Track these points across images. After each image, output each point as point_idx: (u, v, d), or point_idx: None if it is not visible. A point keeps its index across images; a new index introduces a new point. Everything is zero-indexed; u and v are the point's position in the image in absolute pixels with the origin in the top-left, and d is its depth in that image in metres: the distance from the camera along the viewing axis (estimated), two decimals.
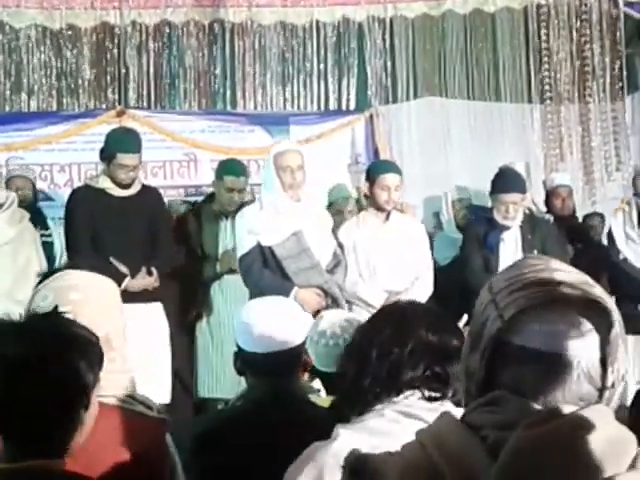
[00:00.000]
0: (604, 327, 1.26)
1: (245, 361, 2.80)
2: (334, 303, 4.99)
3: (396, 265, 5.47)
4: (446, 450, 1.23)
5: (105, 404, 2.11)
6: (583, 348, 1.26)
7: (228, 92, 8.12)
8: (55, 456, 1.86)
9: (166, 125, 7.75)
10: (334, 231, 5.27)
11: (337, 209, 6.35)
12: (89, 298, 2.25)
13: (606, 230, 6.30)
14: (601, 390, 1.27)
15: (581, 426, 1.16)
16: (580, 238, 6.60)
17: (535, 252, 5.85)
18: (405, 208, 6.59)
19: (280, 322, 2.79)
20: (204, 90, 8.08)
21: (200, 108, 8.07)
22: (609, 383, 1.26)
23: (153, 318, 5.53)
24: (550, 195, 6.81)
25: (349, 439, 1.82)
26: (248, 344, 2.79)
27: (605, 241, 6.29)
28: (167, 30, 8.02)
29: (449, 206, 6.91)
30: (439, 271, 5.83)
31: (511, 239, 5.85)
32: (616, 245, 6.07)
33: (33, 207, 6.06)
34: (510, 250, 5.83)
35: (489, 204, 6.05)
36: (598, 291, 1.28)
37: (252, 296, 4.41)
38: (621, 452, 1.16)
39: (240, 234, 5.09)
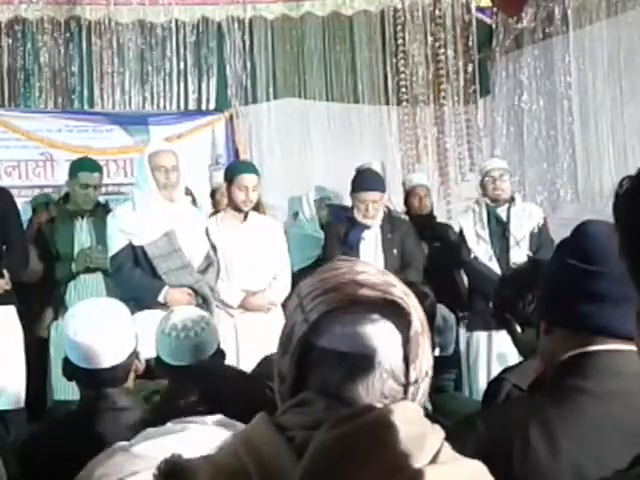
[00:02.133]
0: (404, 326, 1.31)
1: (73, 372, 2.84)
2: (204, 303, 4.99)
3: (253, 265, 5.49)
4: (255, 452, 1.25)
5: None
6: (384, 347, 1.30)
7: (85, 91, 7.99)
8: None
9: (21, 124, 7.56)
10: (207, 232, 5.28)
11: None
12: None
13: (457, 229, 6.48)
14: (405, 386, 1.31)
15: (382, 423, 1.21)
16: (437, 237, 6.76)
17: (395, 251, 5.98)
18: (265, 208, 6.62)
19: (106, 339, 2.77)
20: (60, 88, 7.92)
21: (56, 107, 7.90)
22: (412, 379, 1.31)
23: (6, 322, 5.40)
24: (408, 195, 6.96)
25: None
26: (76, 359, 2.80)
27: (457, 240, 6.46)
28: (21, 26, 7.82)
29: (311, 206, 6.98)
30: (302, 271, 5.88)
31: (371, 238, 5.95)
32: (467, 244, 6.25)
33: None
34: (370, 248, 5.93)
35: (349, 203, 6.15)
36: (398, 291, 1.32)
37: (122, 295, 4.36)
38: (422, 447, 1.21)
39: (112, 233, 5.05)
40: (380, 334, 1.30)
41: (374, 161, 7.22)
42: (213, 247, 5.26)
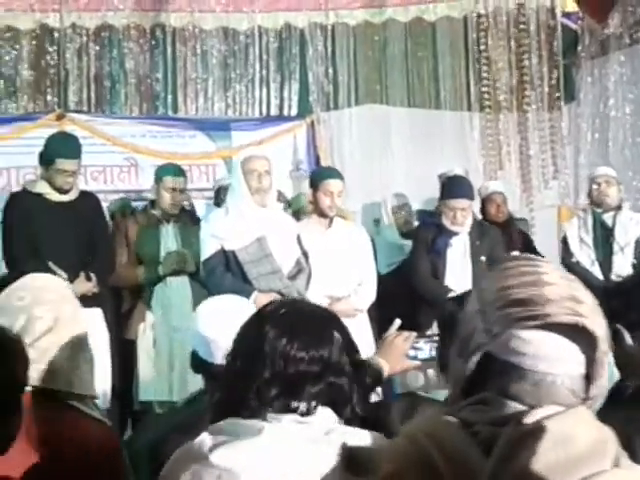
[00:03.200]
0: (590, 348, 1.31)
1: (199, 366, 2.86)
2: None
3: (338, 271, 5.49)
4: (440, 443, 1.27)
5: (66, 404, 2.19)
6: (567, 370, 1.31)
7: (169, 97, 8.09)
8: None
9: (106, 129, 7.68)
10: (299, 239, 5.28)
11: (297, 219, 6.35)
12: (64, 297, 2.36)
13: (541, 237, 6.44)
14: (584, 400, 1.32)
15: (568, 424, 1.23)
16: (518, 244, 6.69)
17: (483, 258, 5.92)
18: (345, 214, 6.62)
19: (231, 335, 2.79)
20: (145, 94, 8.04)
21: (141, 113, 8.02)
22: (592, 395, 1.32)
23: (92, 324, 5.48)
24: (485, 202, 6.91)
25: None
26: (204, 353, 2.82)
27: (560, 244, 6.46)
28: (108, 33, 7.96)
29: (389, 212, 6.96)
30: (383, 277, 5.86)
31: (459, 244, 5.90)
32: (570, 248, 6.23)
33: None
34: (458, 255, 5.89)
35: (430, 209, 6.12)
36: (586, 309, 1.31)
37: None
38: (603, 450, 1.22)
39: (204, 238, 5.11)
40: (565, 355, 1.31)
41: (456, 167, 7.17)
42: (304, 254, 5.26)
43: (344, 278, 5.51)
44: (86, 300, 5.37)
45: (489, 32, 8.31)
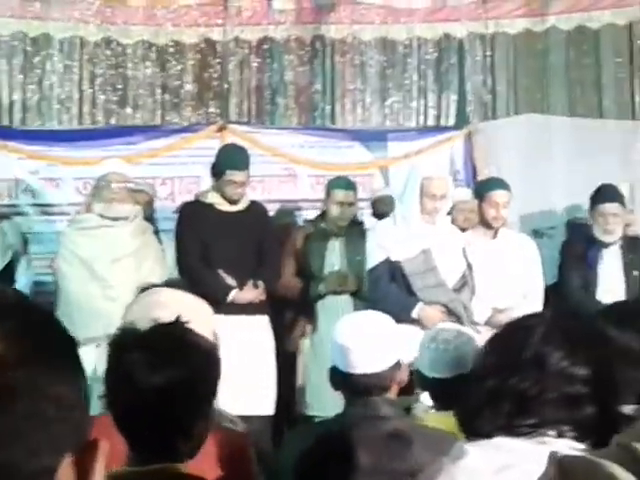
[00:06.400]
0: None
1: (339, 379, 2.85)
2: (458, 322, 4.98)
3: (504, 282, 5.43)
4: None
5: None
6: None
7: (327, 108, 8.17)
8: (181, 460, 1.89)
9: (266, 140, 7.81)
10: (464, 252, 5.26)
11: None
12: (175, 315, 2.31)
13: None
14: None
15: None
16: None
17: (635, 272, 5.76)
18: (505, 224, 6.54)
19: (373, 344, 2.80)
20: (304, 105, 8.14)
21: (299, 123, 8.13)
22: None
23: (259, 330, 5.59)
24: None
25: (478, 456, 1.79)
26: (341, 364, 2.82)
27: None
28: (269, 46, 8.11)
29: (560, 224, 6.84)
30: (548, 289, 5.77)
31: (611, 257, 5.77)
32: None
33: (150, 222, 6.16)
34: (610, 269, 5.74)
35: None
36: None
37: (375, 308, 4.43)
38: None
39: (371, 247, 5.14)
40: None
41: (622, 182, 6.96)
42: (469, 266, 5.23)
43: (508, 290, 5.45)
44: (253, 307, 5.53)
45: None
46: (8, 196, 7.29)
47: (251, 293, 5.54)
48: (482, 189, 5.55)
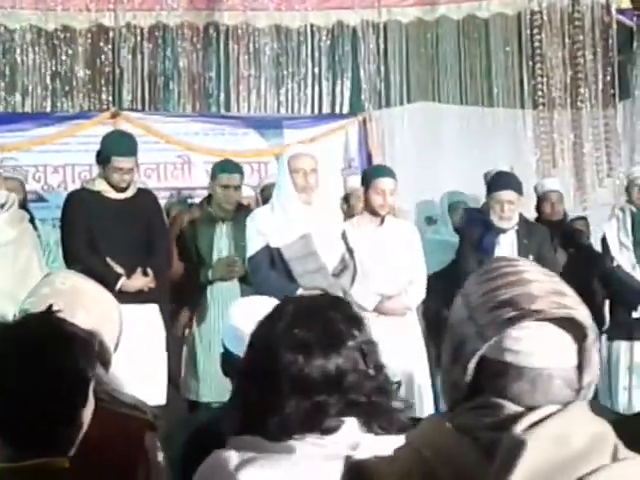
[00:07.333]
0: (580, 337, 1.33)
1: (232, 363, 2.79)
2: None
3: (390, 269, 5.49)
4: (442, 453, 1.29)
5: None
6: (562, 361, 1.33)
7: (222, 95, 8.15)
8: (58, 454, 1.86)
9: (160, 127, 7.74)
10: (344, 236, 5.29)
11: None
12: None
13: (600, 236, 6.32)
14: (578, 390, 1.35)
15: (565, 424, 1.25)
16: (571, 243, 6.63)
17: (530, 257, 5.88)
18: (397, 212, 6.61)
19: None
20: (198, 93, 8.11)
21: (194, 111, 8.09)
22: (585, 384, 1.35)
23: (149, 319, 5.55)
24: (540, 200, 6.85)
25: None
26: (235, 347, 2.78)
27: (600, 248, 6.30)
28: (161, 32, 8.03)
29: (444, 210, 6.94)
30: (435, 275, 5.85)
31: (507, 243, 5.87)
32: (610, 252, 6.08)
33: (23, 209, 6.04)
34: (506, 254, 5.85)
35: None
36: (571, 301, 1.34)
37: (256, 295, 4.43)
38: (600, 446, 1.25)
39: (250, 235, 5.13)
40: (558, 347, 1.33)
41: (501, 165, 7.10)
42: (350, 251, 5.26)
43: (395, 276, 5.51)
44: (143, 295, 5.48)
45: (543, 29, 8.25)
46: None
47: (140, 281, 5.48)
48: (368, 177, 5.58)
